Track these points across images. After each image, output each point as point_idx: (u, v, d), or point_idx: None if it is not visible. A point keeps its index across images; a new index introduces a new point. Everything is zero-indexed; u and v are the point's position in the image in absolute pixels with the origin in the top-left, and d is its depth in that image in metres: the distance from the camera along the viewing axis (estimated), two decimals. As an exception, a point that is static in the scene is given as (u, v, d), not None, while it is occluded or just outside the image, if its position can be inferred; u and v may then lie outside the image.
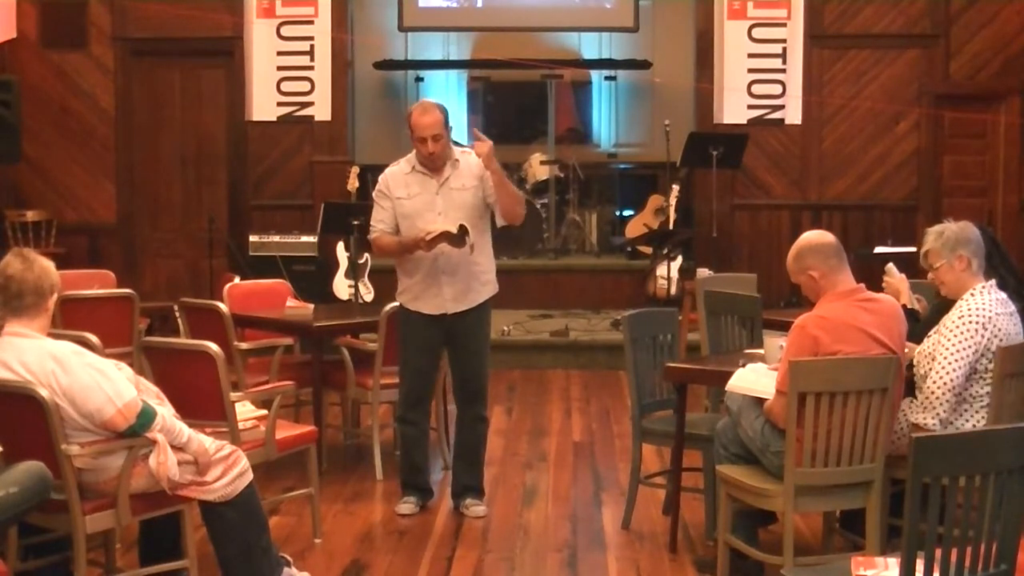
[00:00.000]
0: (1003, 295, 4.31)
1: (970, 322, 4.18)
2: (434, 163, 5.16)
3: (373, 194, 5.37)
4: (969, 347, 4.16)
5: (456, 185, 5.19)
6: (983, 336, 4.17)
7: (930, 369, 4.19)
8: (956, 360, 4.16)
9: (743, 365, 4.42)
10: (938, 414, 4.18)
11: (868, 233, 10.09)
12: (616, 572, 4.70)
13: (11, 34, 9.96)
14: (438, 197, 5.18)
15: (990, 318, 4.19)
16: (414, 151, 5.22)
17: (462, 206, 5.16)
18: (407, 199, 5.20)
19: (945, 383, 4.16)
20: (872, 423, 4.01)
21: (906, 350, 4.23)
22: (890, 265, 5.01)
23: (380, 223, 5.26)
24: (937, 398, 4.18)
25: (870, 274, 5.20)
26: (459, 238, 5.06)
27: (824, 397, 3.96)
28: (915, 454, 2.73)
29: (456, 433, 5.51)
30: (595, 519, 5.37)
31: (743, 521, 4.30)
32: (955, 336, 4.18)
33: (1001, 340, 4.18)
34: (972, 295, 4.26)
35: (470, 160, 5.23)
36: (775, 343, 4.38)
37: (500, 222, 5.28)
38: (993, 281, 4.33)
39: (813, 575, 3.59)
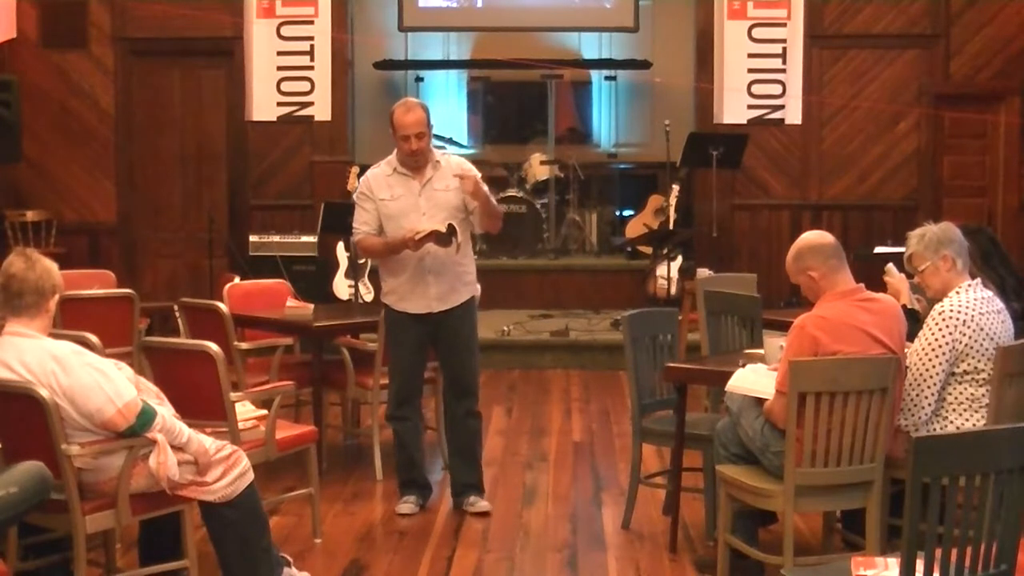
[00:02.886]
0: (988, 293, 4.30)
1: (947, 319, 4.18)
2: (416, 161, 5.23)
3: (355, 196, 5.44)
4: (943, 345, 4.16)
5: (439, 186, 5.26)
6: (962, 334, 4.16)
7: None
8: (930, 359, 4.16)
9: (743, 365, 4.41)
10: (914, 415, 4.18)
11: (868, 233, 10.09)
12: (616, 572, 4.70)
13: (11, 34, 9.96)
14: (421, 198, 5.25)
15: (972, 316, 4.18)
16: (394, 153, 5.30)
17: (446, 206, 5.23)
18: (391, 200, 5.26)
19: (919, 383, 4.17)
20: (872, 423, 4.01)
21: (906, 350, 4.23)
22: (890, 265, 5.00)
23: (364, 225, 5.31)
24: (913, 400, 4.19)
25: (870, 274, 5.19)
26: (447, 238, 5.13)
27: (824, 397, 3.96)
28: (915, 454, 2.73)
29: (449, 431, 5.53)
30: (595, 519, 5.37)
31: (743, 521, 4.29)
32: (931, 334, 4.20)
33: (987, 339, 4.18)
34: (956, 293, 4.26)
35: (451, 161, 5.34)
36: (775, 343, 4.38)
37: (477, 231, 5.43)
38: (979, 280, 4.33)
39: (813, 575, 3.59)
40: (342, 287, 9.28)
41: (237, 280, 7.20)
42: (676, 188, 9.52)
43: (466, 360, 5.40)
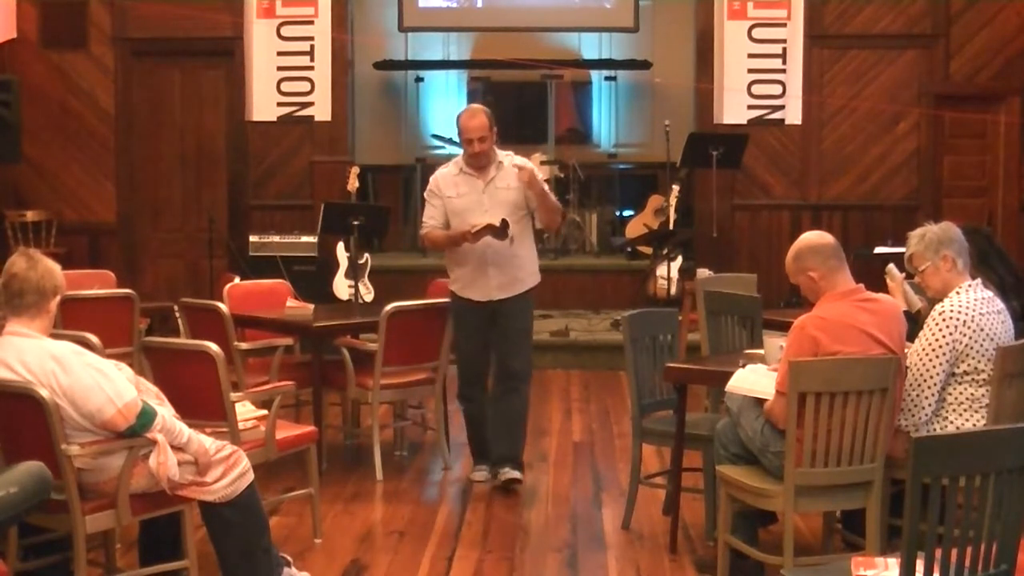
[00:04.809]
0: (989, 293, 4.30)
1: (947, 319, 4.18)
2: (479, 162, 5.68)
3: (424, 194, 5.91)
4: (944, 345, 4.16)
5: (501, 185, 5.69)
6: (962, 335, 4.16)
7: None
8: (930, 359, 4.16)
9: (743, 366, 4.41)
10: (915, 415, 4.18)
11: (868, 233, 10.08)
12: (616, 572, 4.70)
13: (11, 34, 9.96)
14: (484, 196, 5.68)
15: (972, 317, 4.18)
16: (461, 155, 5.78)
17: (506, 204, 5.66)
18: (456, 198, 5.71)
19: (920, 383, 4.17)
20: (872, 423, 4.01)
21: (906, 350, 4.23)
22: (891, 266, 5.01)
23: (431, 219, 5.78)
24: (914, 400, 4.19)
25: (870, 274, 5.19)
26: (501, 231, 5.55)
27: (824, 397, 3.96)
28: (915, 454, 2.73)
29: (492, 408, 5.82)
30: (595, 519, 5.37)
31: (743, 521, 4.29)
32: (931, 334, 4.19)
33: (988, 339, 4.18)
34: (956, 294, 4.26)
35: (513, 162, 5.73)
36: (775, 343, 4.38)
37: (539, 226, 5.94)
38: (979, 280, 4.33)
39: (813, 575, 3.59)
40: (342, 287, 9.28)
41: (237, 280, 7.20)
42: (676, 188, 9.51)
43: (519, 346, 5.80)
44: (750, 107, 10.20)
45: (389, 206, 9.41)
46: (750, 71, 10.17)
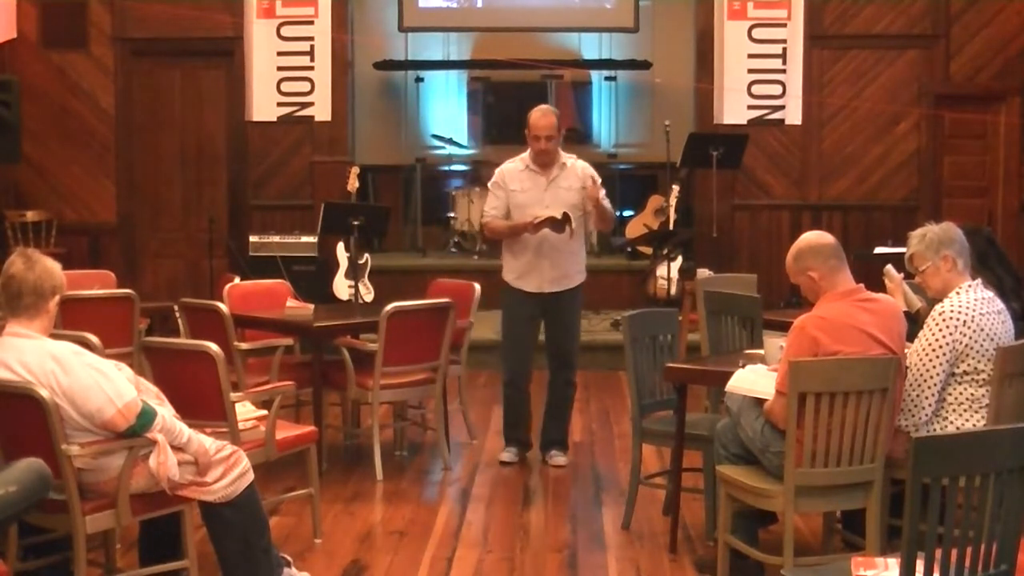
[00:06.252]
0: (989, 293, 4.30)
1: (947, 319, 4.18)
2: (544, 160, 6.04)
3: (489, 184, 6.29)
4: (944, 346, 4.16)
5: (564, 185, 6.07)
6: (962, 335, 4.16)
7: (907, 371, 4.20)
8: (930, 359, 4.16)
9: (743, 366, 4.41)
10: (915, 415, 4.18)
11: (868, 233, 10.09)
12: (616, 572, 4.70)
13: (11, 34, 9.96)
14: (546, 193, 6.05)
15: (972, 317, 4.18)
16: (528, 151, 6.10)
17: (566, 203, 6.01)
18: (520, 192, 6.08)
19: (920, 383, 4.17)
20: (872, 423, 4.01)
21: (906, 350, 4.23)
22: (888, 267, 5.01)
23: (493, 209, 6.15)
24: (914, 400, 4.19)
25: (870, 274, 5.19)
26: (561, 224, 5.91)
27: (824, 397, 3.96)
28: (915, 454, 2.73)
29: (548, 394, 6.27)
30: (595, 519, 5.37)
31: (743, 521, 4.29)
32: (931, 334, 4.19)
33: (988, 339, 4.18)
34: (956, 294, 4.26)
35: (577, 165, 6.15)
36: (775, 344, 4.38)
37: (591, 228, 6.40)
38: (979, 280, 4.33)
39: (813, 575, 3.59)
40: (342, 287, 9.28)
41: (237, 280, 7.20)
42: (676, 188, 9.50)
43: (570, 336, 6.20)
44: (750, 107, 10.20)
45: (389, 206, 9.39)
46: (750, 71, 10.17)
